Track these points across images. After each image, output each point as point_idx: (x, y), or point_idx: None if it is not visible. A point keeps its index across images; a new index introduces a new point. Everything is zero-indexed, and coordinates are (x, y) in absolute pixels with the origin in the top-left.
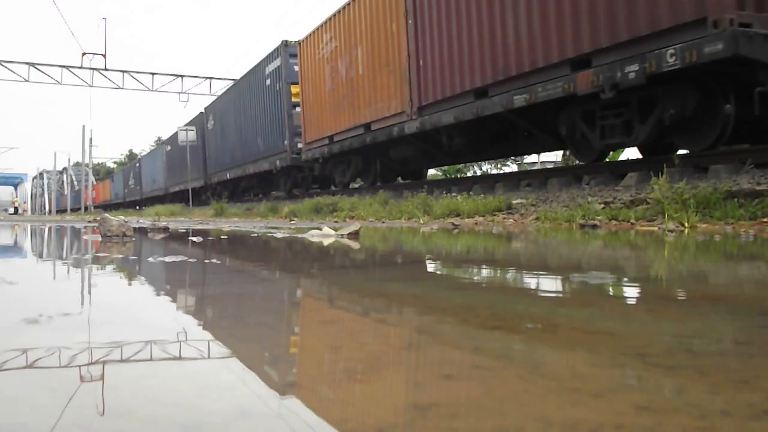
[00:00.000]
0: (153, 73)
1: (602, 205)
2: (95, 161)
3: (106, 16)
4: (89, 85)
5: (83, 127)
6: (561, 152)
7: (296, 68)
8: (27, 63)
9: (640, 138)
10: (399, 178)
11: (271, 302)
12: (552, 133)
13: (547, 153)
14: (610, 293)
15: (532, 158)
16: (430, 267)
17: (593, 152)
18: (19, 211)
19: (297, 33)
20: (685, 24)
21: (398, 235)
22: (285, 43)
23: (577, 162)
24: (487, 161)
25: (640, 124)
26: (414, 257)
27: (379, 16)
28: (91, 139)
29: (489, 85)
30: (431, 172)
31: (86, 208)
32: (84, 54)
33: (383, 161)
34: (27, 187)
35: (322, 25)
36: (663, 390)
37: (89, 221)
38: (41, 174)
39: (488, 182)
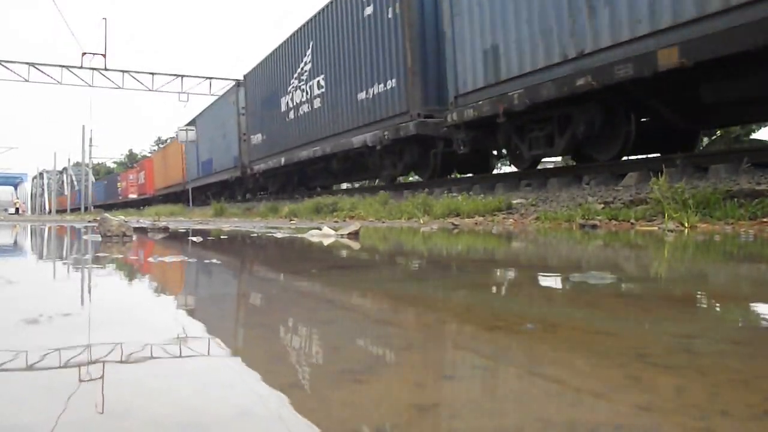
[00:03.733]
0: (153, 73)
1: (602, 205)
2: (95, 161)
3: (106, 16)
4: (89, 85)
5: (83, 127)
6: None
7: None
8: (27, 63)
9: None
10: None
11: (271, 302)
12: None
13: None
14: (610, 293)
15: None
16: (430, 267)
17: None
18: (20, 211)
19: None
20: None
21: (398, 235)
22: None
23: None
24: None
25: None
26: (414, 257)
27: None
28: (91, 139)
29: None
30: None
31: (86, 208)
32: (84, 54)
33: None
34: (27, 187)
35: None
36: (663, 390)
37: (89, 221)
38: (41, 174)
39: (488, 182)
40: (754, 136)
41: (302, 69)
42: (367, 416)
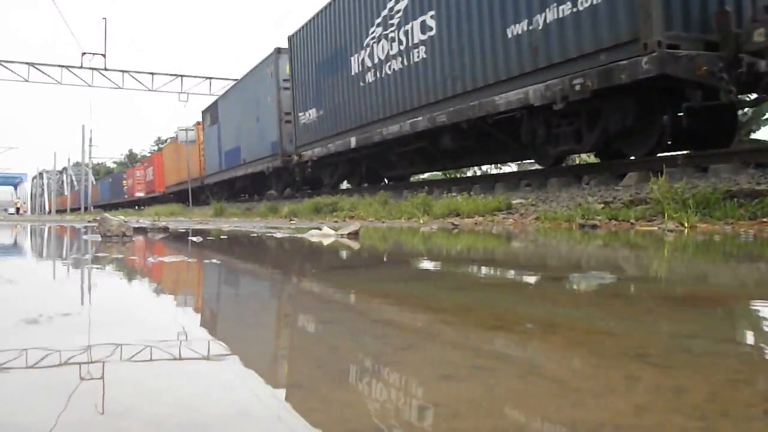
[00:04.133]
0: (153, 73)
1: (602, 205)
2: (95, 161)
3: (106, 16)
4: (89, 85)
5: (83, 127)
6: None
7: None
8: (27, 63)
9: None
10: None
11: (271, 302)
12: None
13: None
14: (610, 293)
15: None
16: (430, 267)
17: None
18: (21, 211)
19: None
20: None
21: (398, 235)
22: None
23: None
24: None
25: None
26: (414, 257)
27: None
28: (90, 139)
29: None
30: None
31: (86, 208)
32: (84, 54)
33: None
34: (27, 187)
35: None
36: (663, 390)
37: (89, 221)
38: (41, 174)
39: (488, 182)
40: (753, 136)
41: (391, 10)
42: (367, 416)
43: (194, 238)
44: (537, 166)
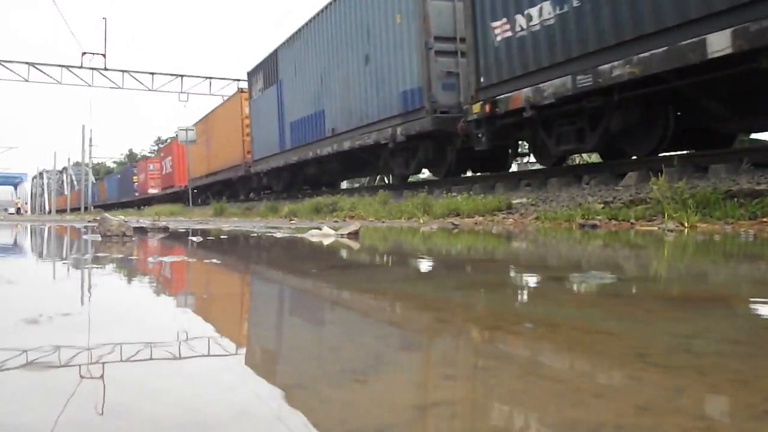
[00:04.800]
0: (153, 73)
1: (602, 205)
2: (95, 161)
3: (106, 16)
4: (89, 85)
5: (83, 127)
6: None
7: None
8: (27, 63)
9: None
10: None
11: (270, 302)
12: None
13: None
14: (610, 293)
15: (532, 158)
16: (430, 267)
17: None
18: (22, 211)
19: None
20: None
21: (398, 235)
22: None
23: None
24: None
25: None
26: (414, 257)
27: None
28: (90, 139)
29: None
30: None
31: (86, 208)
32: (84, 54)
33: None
34: (27, 187)
35: None
36: (663, 390)
37: (89, 221)
38: (41, 174)
39: (488, 182)
40: (754, 136)
41: None
42: (367, 416)
43: (194, 238)
44: (537, 166)
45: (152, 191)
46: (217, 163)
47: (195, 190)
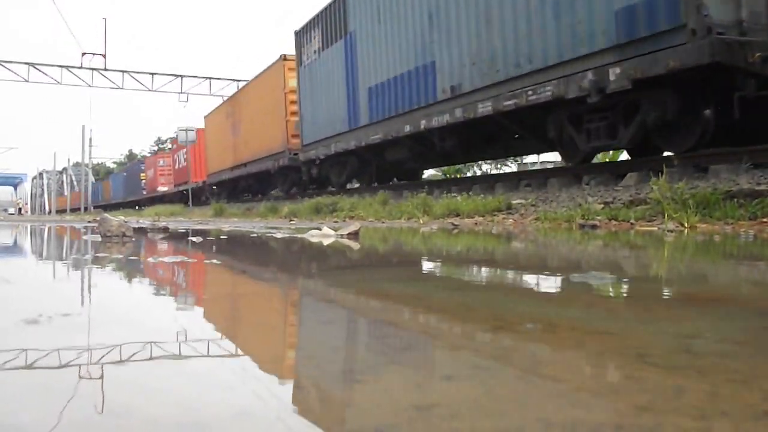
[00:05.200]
0: (153, 73)
1: (602, 205)
2: (95, 161)
3: (106, 16)
4: (89, 85)
5: (83, 127)
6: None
7: None
8: (27, 63)
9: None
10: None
11: (271, 303)
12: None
13: (546, 153)
14: (610, 293)
15: (531, 158)
16: (430, 267)
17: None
18: (22, 211)
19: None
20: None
21: (398, 235)
22: None
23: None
24: (485, 161)
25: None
26: (414, 257)
27: None
28: (90, 139)
29: None
30: (430, 172)
31: (86, 209)
32: (84, 54)
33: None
34: (27, 187)
35: None
36: (663, 390)
37: (89, 221)
38: (41, 174)
39: (488, 182)
40: None
41: None
42: (366, 416)
43: (194, 239)
44: (537, 164)
45: (162, 189)
46: (249, 151)
47: (214, 187)
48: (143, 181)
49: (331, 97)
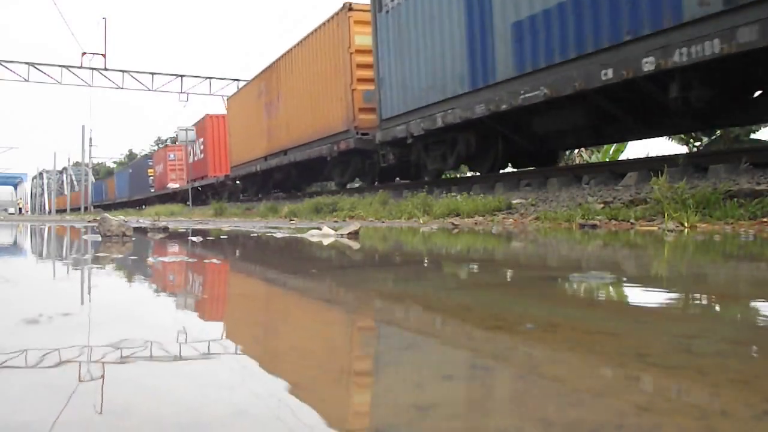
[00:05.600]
0: (153, 73)
1: (602, 205)
2: (95, 161)
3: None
4: (89, 85)
5: (83, 127)
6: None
7: None
8: (27, 63)
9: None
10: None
11: (270, 303)
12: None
13: None
14: (610, 293)
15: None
16: (430, 267)
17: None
18: (23, 211)
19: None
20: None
21: (398, 235)
22: None
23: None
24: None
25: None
26: (414, 257)
27: None
28: (90, 139)
29: None
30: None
31: (86, 208)
32: (84, 54)
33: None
34: (27, 187)
35: None
36: (663, 390)
37: (89, 221)
38: (41, 174)
39: (488, 182)
40: (753, 136)
41: None
42: (366, 416)
43: (194, 238)
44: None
45: (173, 185)
46: (290, 136)
47: (238, 182)
48: (151, 177)
49: (436, 49)
